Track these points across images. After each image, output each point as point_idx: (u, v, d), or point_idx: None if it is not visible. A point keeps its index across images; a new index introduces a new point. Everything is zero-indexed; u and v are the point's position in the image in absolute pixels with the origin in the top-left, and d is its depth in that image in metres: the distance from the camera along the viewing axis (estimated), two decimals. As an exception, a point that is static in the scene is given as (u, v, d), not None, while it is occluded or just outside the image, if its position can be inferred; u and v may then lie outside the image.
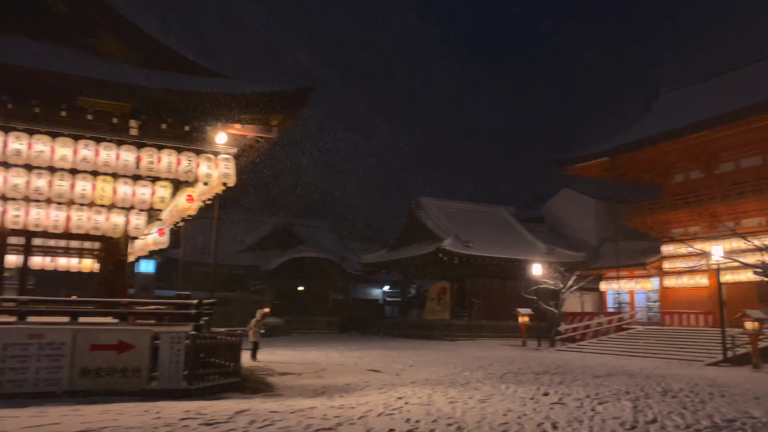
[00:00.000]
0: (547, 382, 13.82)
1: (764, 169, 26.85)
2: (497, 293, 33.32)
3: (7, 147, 10.15)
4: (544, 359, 20.59)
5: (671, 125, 28.43)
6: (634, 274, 31.65)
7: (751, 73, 29.36)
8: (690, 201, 28.77)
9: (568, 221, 38.47)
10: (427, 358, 20.20)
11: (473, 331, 31.16)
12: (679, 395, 11.63)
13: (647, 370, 17.45)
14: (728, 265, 26.83)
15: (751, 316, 18.61)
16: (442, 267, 32.53)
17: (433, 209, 34.78)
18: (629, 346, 24.37)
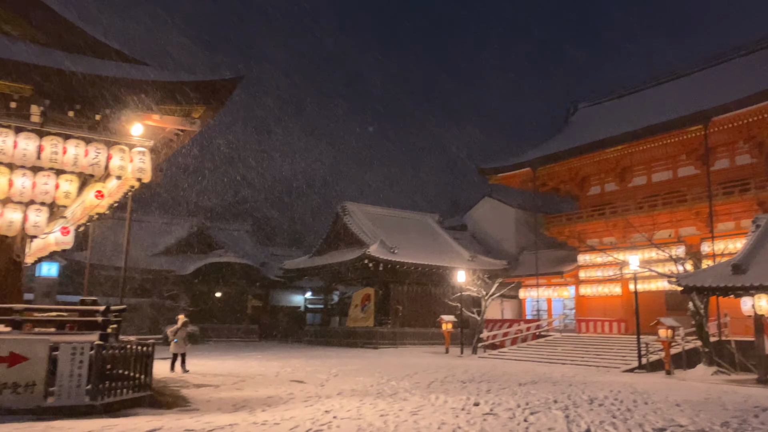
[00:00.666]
0: (475, 391, 13.61)
1: (674, 184, 28.25)
2: (421, 300, 33.29)
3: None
4: (468, 366, 20.53)
5: (587, 140, 29.48)
6: (552, 283, 32.49)
7: (663, 91, 30.95)
8: (605, 212, 29.85)
9: (489, 230, 39.12)
10: (351, 367, 19.64)
11: (397, 339, 30.90)
12: (605, 403, 11.69)
13: (568, 377, 17.68)
14: (640, 275, 28.04)
15: (665, 324, 19.30)
16: (367, 273, 32.10)
17: (359, 214, 34.35)
18: (548, 353, 24.81)
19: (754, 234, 18.30)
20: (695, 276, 18.47)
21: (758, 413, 10.71)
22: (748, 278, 16.73)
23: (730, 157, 26.36)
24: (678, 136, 25.47)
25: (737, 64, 28.26)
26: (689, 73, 30.97)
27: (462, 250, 34.82)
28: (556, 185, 33.12)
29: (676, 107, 26.54)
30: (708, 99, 24.87)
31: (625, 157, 28.97)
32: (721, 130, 24.31)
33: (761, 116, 22.96)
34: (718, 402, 12.13)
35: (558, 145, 32.00)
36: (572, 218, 31.48)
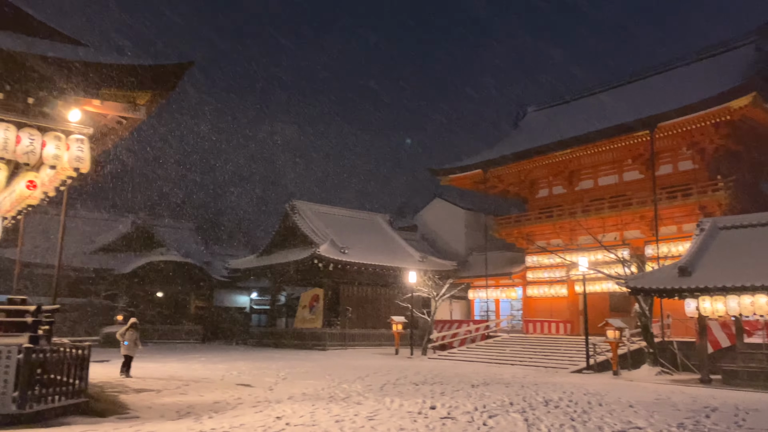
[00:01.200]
0: (429, 393, 13.32)
1: (620, 187, 28.89)
2: (371, 301, 32.95)
3: None
4: (419, 368, 20.29)
5: (536, 143, 29.84)
6: (500, 284, 32.72)
7: (610, 97, 31.62)
8: (553, 215, 30.26)
9: (439, 231, 39.16)
10: (300, 370, 19.08)
11: (346, 340, 30.43)
12: (561, 405, 11.60)
13: (519, 378, 17.67)
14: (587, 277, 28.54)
15: (613, 326, 19.57)
16: (316, 273, 31.52)
17: (309, 213, 33.71)
18: (497, 353, 24.88)
19: (698, 237, 18.77)
20: (643, 278, 18.80)
21: (709, 414, 10.82)
22: (694, 281, 17.11)
23: (673, 163, 27.13)
24: (625, 141, 26.01)
25: (681, 73, 29.17)
26: (636, 80, 31.79)
27: (413, 250, 34.67)
28: (506, 187, 33.41)
29: (623, 113, 27.14)
30: (654, 105, 25.50)
31: (572, 161, 29.45)
32: (666, 135, 24.96)
33: (703, 123, 23.67)
34: (669, 403, 12.24)
35: (508, 148, 32.28)
36: (521, 220, 31.80)
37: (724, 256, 17.55)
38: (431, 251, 36.67)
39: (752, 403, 12.25)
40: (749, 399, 13.14)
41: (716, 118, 23.12)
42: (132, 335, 16.15)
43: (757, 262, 16.41)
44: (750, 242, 17.59)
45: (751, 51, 26.15)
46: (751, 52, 26.06)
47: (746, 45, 26.87)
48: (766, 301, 15.84)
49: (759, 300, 15.99)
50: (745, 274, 16.09)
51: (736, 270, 16.54)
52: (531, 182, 32.51)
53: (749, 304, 16.17)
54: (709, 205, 24.55)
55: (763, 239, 17.37)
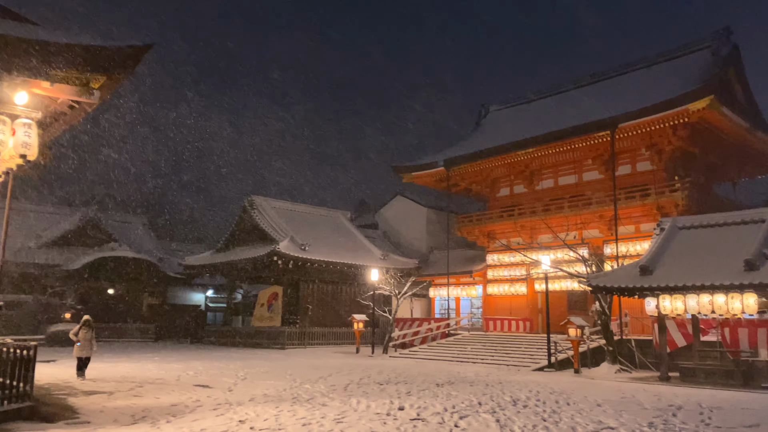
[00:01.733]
0: (395, 393, 13.02)
1: (579, 187, 29.21)
2: (331, 299, 32.47)
3: None
4: (381, 367, 19.98)
5: (497, 142, 29.95)
6: (461, 282, 32.73)
7: (572, 98, 31.97)
8: (514, 213, 30.40)
9: (401, 228, 38.97)
10: (259, 370, 18.51)
11: (305, 339, 29.87)
12: (530, 404, 11.46)
13: (482, 376, 17.55)
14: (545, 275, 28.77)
15: (575, 324, 19.67)
16: (275, 271, 30.84)
17: (268, 209, 32.96)
18: (459, 351, 24.78)
19: (659, 237, 19.02)
20: (605, 277, 18.95)
21: (675, 412, 10.84)
22: (655, 279, 17.30)
23: (632, 164, 27.57)
24: (586, 141, 26.30)
25: (640, 75, 29.68)
26: (596, 81, 32.20)
27: (374, 248, 34.35)
28: (468, 185, 33.44)
29: (584, 113, 27.45)
30: (614, 107, 25.86)
31: (533, 160, 29.65)
32: (626, 136, 25.33)
33: (662, 125, 24.11)
34: (635, 401, 12.26)
35: (470, 146, 32.33)
36: (482, 218, 31.87)
37: (683, 256, 17.83)
38: (392, 249, 36.44)
39: (714, 401, 12.38)
40: (710, 397, 13.30)
41: (675, 120, 23.58)
42: (86, 334, 15.26)
43: (715, 262, 16.70)
44: (708, 242, 17.91)
45: (707, 55, 26.80)
46: (708, 56, 26.70)
47: (702, 49, 27.52)
48: (725, 300, 16.12)
49: (717, 299, 16.25)
50: (705, 274, 16.34)
51: (695, 269, 16.80)
52: (492, 181, 32.62)
53: (708, 302, 16.44)
54: (666, 206, 25.02)
55: (720, 239, 17.70)
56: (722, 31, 27.19)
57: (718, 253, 17.02)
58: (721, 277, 15.80)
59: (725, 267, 16.20)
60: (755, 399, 13.14)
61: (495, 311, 30.98)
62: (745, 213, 18.25)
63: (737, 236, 17.33)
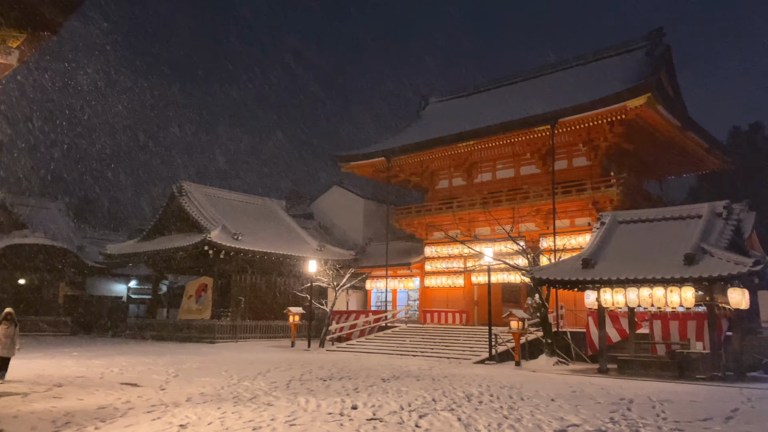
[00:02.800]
0: (342, 390, 12.36)
1: (517, 181, 29.43)
2: (265, 291, 31.32)
3: None
4: (321, 361, 19.26)
5: (437, 134, 29.75)
6: (398, 274, 32.37)
7: (510, 93, 32.17)
8: (453, 206, 30.28)
9: (337, 219, 38.19)
10: (191, 366, 17.38)
11: (237, 332, 28.62)
12: (484, 400, 11.10)
13: (426, 370, 17.19)
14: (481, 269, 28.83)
15: (517, 316, 19.62)
16: (205, 261, 29.38)
17: (199, 196, 31.36)
18: (398, 344, 24.39)
19: (599, 231, 19.24)
20: (548, 269, 18.98)
21: (629, 406, 10.76)
22: (597, 272, 17.44)
23: (568, 159, 27.98)
24: (525, 135, 26.46)
25: (577, 72, 30.17)
26: (534, 77, 32.51)
27: (310, 239, 33.42)
28: (407, 177, 33.08)
29: (523, 108, 27.62)
30: (552, 102, 26.13)
31: (474, 153, 29.62)
32: (564, 132, 25.63)
33: (600, 121, 24.56)
34: (586, 395, 12.15)
35: (410, 137, 31.96)
36: (421, 210, 31.61)
37: (624, 250, 18.07)
38: (328, 240, 35.62)
39: (661, 394, 12.44)
40: (655, 389, 13.41)
41: (613, 117, 24.04)
42: (7, 330, 13.37)
43: (656, 256, 17.00)
44: (647, 236, 18.24)
45: (641, 55, 27.51)
46: (642, 56, 27.41)
47: (637, 49, 28.23)
48: (664, 293, 16.42)
49: (657, 292, 16.54)
50: (645, 267, 16.58)
51: (636, 263, 17.04)
52: (432, 173, 32.40)
53: (648, 296, 16.70)
54: (601, 201, 25.53)
55: (659, 234, 18.05)
56: (655, 32, 27.99)
57: (658, 248, 17.35)
58: (662, 270, 16.06)
59: (665, 261, 16.51)
60: (697, 391, 13.36)
61: (432, 304, 30.83)
62: (683, 209, 18.72)
63: (675, 231, 17.72)
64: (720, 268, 15.11)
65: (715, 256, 15.72)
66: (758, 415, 10.11)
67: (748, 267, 14.56)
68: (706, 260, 15.74)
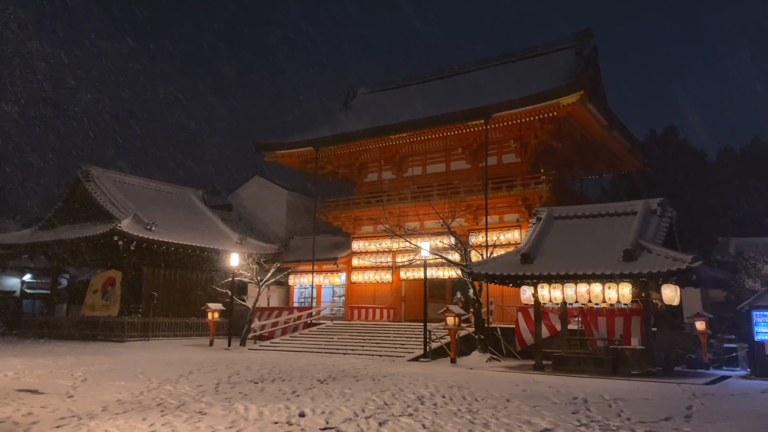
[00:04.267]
0: (279, 394, 11.23)
1: (448, 176, 29.06)
2: (181, 286, 29.24)
3: None
4: (246, 361, 17.89)
5: (368, 125, 28.88)
6: (323, 269, 31.22)
7: (440, 87, 31.79)
8: (383, 199, 29.52)
9: (258, 211, 36.42)
10: (100, 367, 15.58)
11: (149, 330, 26.44)
12: (439, 402, 10.34)
13: (361, 369, 16.30)
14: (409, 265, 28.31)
15: (453, 312, 19.11)
16: (114, 253, 27.01)
17: (108, 182, 28.80)
18: (326, 342, 23.32)
19: (536, 226, 19.06)
20: (487, 264, 18.56)
21: (587, 406, 10.36)
22: (536, 268, 17.20)
23: (498, 155, 27.90)
24: (458, 129, 26.08)
25: (507, 69, 30.16)
26: (464, 72, 32.26)
27: (230, 231, 31.60)
28: (334, 169, 31.98)
29: (455, 102, 27.29)
30: (483, 98, 25.94)
31: (404, 146, 28.99)
32: (497, 127, 25.49)
33: (532, 118, 24.56)
34: (538, 394, 11.68)
35: (338, 127, 30.86)
36: (349, 203, 30.63)
37: (561, 245, 17.96)
38: (248, 233, 33.85)
39: (609, 392, 12.18)
40: (599, 386, 13.19)
41: (545, 114, 24.08)
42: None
43: (593, 252, 16.95)
44: (584, 232, 18.23)
45: (571, 55, 27.85)
46: (572, 55, 27.76)
47: (567, 49, 28.58)
48: (601, 289, 16.39)
49: (594, 288, 16.49)
50: (584, 263, 16.47)
51: (574, 258, 16.92)
52: (361, 165, 31.47)
53: (585, 292, 16.63)
54: (530, 197, 25.59)
55: (596, 230, 18.08)
56: (584, 32, 28.46)
57: (596, 244, 17.32)
58: (601, 266, 15.98)
59: (604, 257, 16.47)
60: (641, 388, 13.24)
61: (359, 300, 29.95)
62: (618, 205, 18.85)
63: (612, 227, 17.79)
64: (659, 265, 15.19)
65: (653, 252, 15.82)
66: (715, 413, 9.95)
67: (687, 263, 14.69)
68: (645, 256, 15.81)
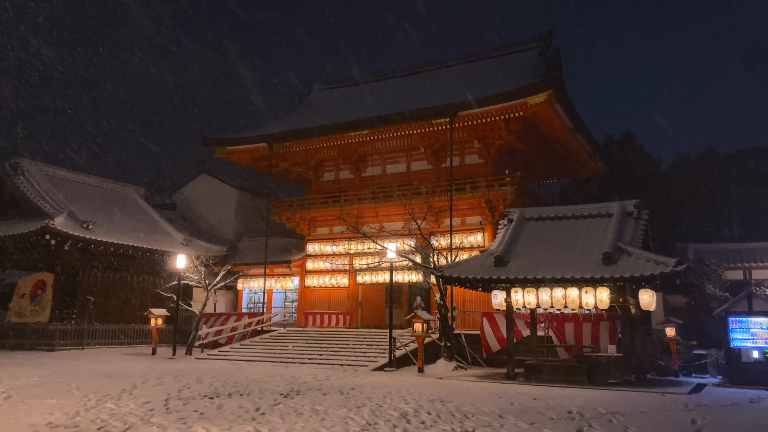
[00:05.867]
0: (241, 412, 9.83)
1: (408, 177, 28.04)
2: (120, 290, 26.99)
3: None
4: (196, 372, 16.26)
5: (326, 121, 27.61)
6: (275, 273, 29.60)
7: (399, 84, 30.83)
8: (340, 199, 28.21)
9: (204, 211, 34.39)
10: (28, 381, 13.69)
11: (84, 338, 24.13)
12: (427, 421, 9.20)
13: (324, 380, 14.99)
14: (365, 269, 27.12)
15: (422, 318, 18.03)
16: (45, 253, 24.63)
17: (39, 176, 26.33)
18: (280, 351, 21.80)
19: (508, 227, 18.21)
20: (458, 267, 17.55)
21: (588, 422, 9.42)
22: (510, 271, 16.32)
23: (461, 156, 27.06)
24: (421, 127, 25.15)
25: (469, 69, 29.43)
26: (423, 71, 31.37)
27: (175, 231, 29.55)
28: (289, 167, 30.41)
29: (416, 100, 26.36)
30: (449, 96, 25.06)
31: (364, 145, 27.82)
32: (461, 126, 24.68)
33: (498, 117, 23.88)
34: (530, 409, 10.70)
35: (294, 124, 29.42)
36: (304, 203, 29.15)
37: (535, 247, 17.16)
38: (194, 234, 31.80)
39: (603, 404, 11.32)
40: (587, 398, 12.36)
41: (510, 114, 23.43)
42: None
43: (570, 255, 16.22)
44: (558, 234, 17.51)
45: (534, 56, 27.40)
46: (535, 56, 27.31)
47: (530, 50, 28.12)
48: (578, 294, 15.64)
49: (571, 293, 15.71)
50: (560, 267, 15.71)
51: (549, 261, 16.15)
52: (317, 164, 30.05)
53: (561, 297, 15.84)
54: (494, 200, 24.88)
55: (570, 232, 17.39)
56: (546, 34, 28.08)
57: (571, 246, 16.61)
58: (580, 270, 15.24)
59: (581, 260, 15.74)
60: (630, 399, 12.50)
61: (313, 305, 28.47)
62: (592, 207, 18.25)
63: (587, 229, 17.14)
64: (641, 268, 14.53)
65: (633, 255, 15.19)
66: (723, 428, 9.19)
67: (670, 267, 14.08)
68: (625, 260, 15.15)
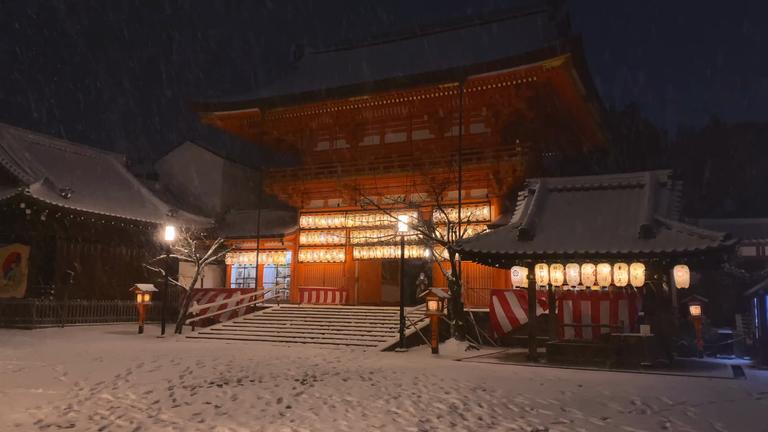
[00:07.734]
0: (262, 405, 8.46)
1: (408, 146, 26.55)
2: (103, 264, 25.25)
3: None
4: (191, 353, 14.83)
5: (322, 86, 25.89)
6: (266, 247, 28.03)
7: (396, 48, 29.19)
8: (337, 170, 26.67)
9: (189, 182, 32.49)
10: (7, 365, 12.20)
11: (64, 315, 22.48)
12: (483, 416, 7.93)
13: (334, 363, 13.68)
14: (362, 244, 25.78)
15: (437, 296, 16.76)
16: (19, 223, 22.77)
17: (12, 141, 24.27)
18: (277, 329, 20.42)
19: (530, 198, 16.97)
20: (477, 242, 16.24)
21: (664, 415, 8.24)
22: (537, 245, 15.08)
23: (465, 125, 25.54)
24: (427, 93, 23.67)
25: (474, 32, 27.72)
26: (426, 34, 29.64)
27: (159, 202, 27.76)
28: (281, 135, 28.68)
29: (420, 63, 24.89)
30: (455, 60, 23.54)
31: (362, 111, 26.18)
32: (469, 92, 23.21)
33: (509, 82, 22.58)
34: (586, 399, 9.53)
35: (287, 88, 27.66)
36: (298, 174, 27.53)
37: (562, 220, 15.97)
38: (178, 205, 29.99)
39: (660, 391, 10.19)
40: (639, 383, 11.27)
41: (524, 78, 22.12)
42: None
43: (601, 228, 15.04)
44: (586, 206, 16.31)
45: (544, 19, 25.94)
46: (545, 20, 25.86)
47: (539, 13, 26.63)
48: (610, 270, 14.50)
49: (602, 269, 14.57)
50: (593, 241, 14.52)
51: (580, 236, 14.92)
52: (311, 132, 28.34)
53: (591, 273, 14.69)
54: (503, 171, 23.64)
55: (599, 204, 16.21)
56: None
57: (602, 219, 15.40)
58: (616, 244, 14.04)
59: (614, 234, 14.57)
60: (682, 384, 11.42)
61: (307, 281, 27.06)
62: (622, 177, 17.02)
63: (618, 201, 15.96)
64: (684, 243, 13.38)
65: (673, 228, 14.03)
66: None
67: (718, 241, 12.94)
68: (664, 233, 13.99)
